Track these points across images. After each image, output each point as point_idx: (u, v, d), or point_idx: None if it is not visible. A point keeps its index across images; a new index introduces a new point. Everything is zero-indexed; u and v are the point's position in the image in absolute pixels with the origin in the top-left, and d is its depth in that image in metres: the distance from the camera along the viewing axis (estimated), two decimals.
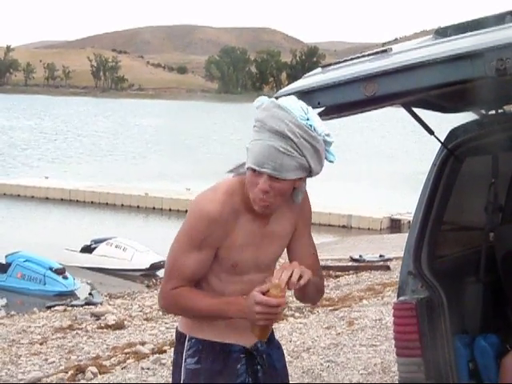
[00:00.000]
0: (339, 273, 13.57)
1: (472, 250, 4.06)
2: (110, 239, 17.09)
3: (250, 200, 2.40)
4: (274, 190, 2.32)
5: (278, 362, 2.62)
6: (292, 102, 2.33)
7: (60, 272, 14.65)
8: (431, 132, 3.68)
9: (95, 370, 6.88)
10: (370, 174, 33.50)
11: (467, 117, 3.90)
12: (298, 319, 8.48)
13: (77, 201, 27.14)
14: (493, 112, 3.79)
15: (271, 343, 2.60)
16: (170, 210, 25.09)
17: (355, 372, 6.02)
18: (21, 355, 8.12)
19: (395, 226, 22.58)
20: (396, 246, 15.06)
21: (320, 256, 2.72)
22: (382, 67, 2.81)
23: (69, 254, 16.85)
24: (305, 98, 2.42)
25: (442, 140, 3.74)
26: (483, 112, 3.85)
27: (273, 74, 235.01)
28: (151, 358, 7.00)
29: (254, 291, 2.32)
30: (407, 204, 18.24)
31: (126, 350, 7.80)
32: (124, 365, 7.03)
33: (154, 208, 25.82)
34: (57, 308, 11.98)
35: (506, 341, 3.76)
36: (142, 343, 8.06)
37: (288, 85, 3.23)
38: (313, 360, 6.44)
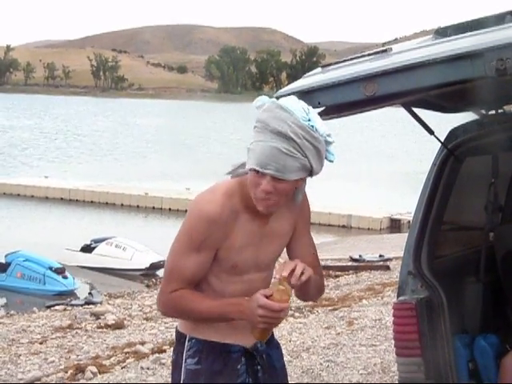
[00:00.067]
0: (339, 273, 13.56)
1: (472, 250, 4.07)
2: (109, 239, 17.09)
3: (249, 200, 2.40)
4: (277, 191, 2.31)
5: (278, 362, 2.62)
6: (293, 103, 2.32)
7: (60, 271, 14.64)
8: (431, 132, 3.68)
9: (95, 369, 6.88)
10: (369, 174, 33.49)
11: (467, 117, 3.90)
12: (298, 319, 8.48)
13: (76, 200, 27.14)
14: (493, 112, 3.79)
15: (271, 343, 2.60)
16: (170, 209, 25.08)
17: (355, 372, 6.02)
18: (20, 355, 8.12)
19: (395, 225, 22.57)
20: (396, 246, 15.06)
21: (320, 256, 2.72)
22: (382, 67, 2.81)
23: (68, 254, 16.84)
24: (305, 98, 2.42)
25: (442, 140, 3.75)
26: (483, 112, 3.85)
27: (273, 74, 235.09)
28: (151, 358, 7.00)
29: (258, 294, 2.32)
30: (407, 204, 18.24)
31: (125, 350, 7.80)
32: (124, 364, 7.03)
33: (153, 208, 25.81)
34: (56, 307, 11.98)
35: (506, 341, 3.76)
36: (142, 343, 8.06)
37: (288, 85, 3.23)
38: (312, 360, 6.44)
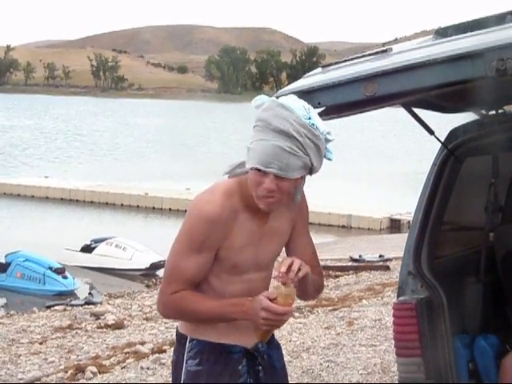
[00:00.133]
0: (339, 273, 13.57)
1: (472, 250, 4.07)
2: (109, 239, 17.10)
3: (248, 199, 2.40)
4: (280, 189, 2.31)
5: (278, 362, 2.62)
6: (294, 101, 2.33)
7: (60, 271, 14.64)
8: (431, 132, 3.68)
9: (95, 369, 6.88)
10: (369, 174, 33.49)
11: (467, 117, 3.90)
12: (298, 319, 8.47)
13: (77, 200, 27.15)
14: (493, 112, 3.79)
15: (271, 343, 2.60)
16: (170, 209, 25.09)
17: (355, 372, 6.02)
18: (20, 355, 8.12)
19: (395, 226, 22.57)
20: (396, 246, 15.05)
21: (320, 256, 2.72)
22: (382, 67, 2.80)
23: (68, 254, 16.85)
24: (305, 98, 2.41)
25: (442, 140, 3.75)
26: (483, 112, 3.85)
27: (273, 74, 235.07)
28: (151, 358, 7.00)
29: (262, 296, 2.31)
30: (407, 204, 18.24)
31: (125, 350, 7.80)
32: (123, 364, 7.03)
33: (153, 208, 25.82)
34: (56, 307, 11.98)
35: (506, 341, 3.76)
36: (142, 343, 8.06)
37: (288, 85, 3.22)
38: (312, 360, 6.44)
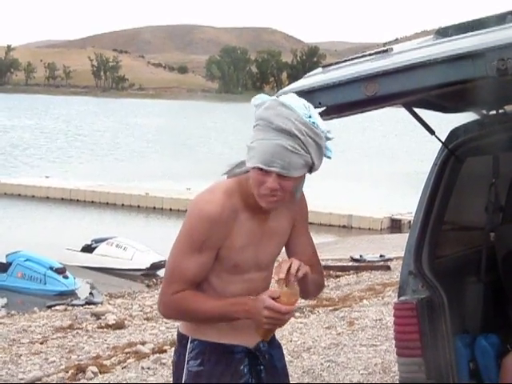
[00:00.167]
0: (339, 273, 13.57)
1: (473, 250, 4.07)
2: (110, 239, 17.10)
3: (248, 199, 2.40)
4: (283, 188, 2.32)
5: (279, 362, 2.62)
6: (295, 100, 2.34)
7: (60, 271, 14.65)
8: (432, 132, 3.68)
9: (95, 369, 6.88)
10: (370, 174, 33.49)
11: (468, 117, 3.90)
12: (299, 319, 8.47)
13: (77, 200, 27.16)
14: (494, 112, 3.79)
15: (272, 343, 2.60)
16: (171, 209, 25.09)
17: (355, 372, 6.02)
18: (21, 355, 8.12)
19: (396, 226, 22.57)
20: (396, 246, 15.06)
21: (320, 256, 2.72)
22: (382, 67, 2.80)
23: (69, 254, 16.85)
24: (306, 98, 2.41)
25: (443, 140, 3.75)
26: (484, 112, 3.85)
27: (273, 74, 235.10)
28: (151, 358, 7.00)
29: (264, 295, 2.31)
30: (408, 204, 18.23)
31: (126, 350, 7.80)
32: (124, 364, 7.03)
33: (154, 208, 25.83)
34: (57, 307, 11.98)
35: (507, 341, 3.76)
36: (143, 343, 8.06)
37: (288, 85, 3.23)
38: (313, 360, 6.44)
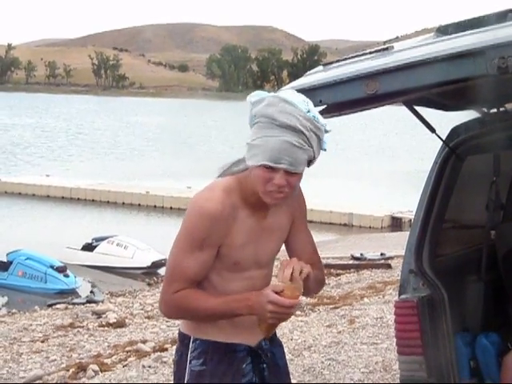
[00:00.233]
0: (340, 271, 13.57)
1: (473, 249, 4.06)
2: (111, 237, 17.10)
3: (248, 196, 2.41)
4: (289, 184, 2.34)
5: (281, 360, 2.62)
6: (295, 96, 2.34)
7: (61, 270, 14.65)
8: (433, 130, 3.67)
9: (96, 368, 6.88)
10: (371, 173, 33.48)
11: (469, 115, 3.89)
12: (299, 317, 8.47)
13: (78, 199, 27.17)
14: (494, 110, 3.78)
15: (274, 341, 2.60)
16: (171, 208, 25.08)
17: (356, 370, 6.02)
18: (22, 353, 8.13)
19: (396, 224, 22.57)
20: (397, 245, 15.07)
21: (321, 254, 2.72)
22: (383, 65, 2.80)
23: (70, 252, 16.86)
24: (306, 96, 2.41)
25: (444, 138, 3.74)
26: (485, 110, 3.84)
27: (274, 73, 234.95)
28: (152, 356, 7.00)
29: (268, 290, 2.31)
30: (408, 202, 18.26)
31: (127, 348, 7.81)
32: (125, 363, 7.03)
33: (155, 206, 25.83)
34: (58, 306, 11.99)
35: (508, 339, 3.76)
36: (144, 341, 8.07)
37: (289, 83, 3.22)
38: (314, 358, 6.44)
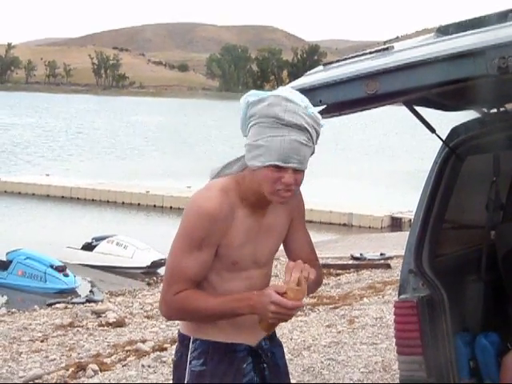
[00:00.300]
0: (340, 271, 13.56)
1: (473, 249, 4.07)
2: (110, 237, 17.08)
3: (246, 196, 2.41)
4: (297, 182, 2.35)
5: (281, 360, 2.62)
6: (294, 94, 2.35)
7: (61, 269, 14.64)
8: (433, 130, 3.67)
9: (96, 367, 6.88)
10: (371, 173, 33.47)
11: (469, 115, 3.89)
12: (299, 317, 8.47)
13: (78, 198, 27.13)
14: (494, 110, 3.79)
15: (273, 341, 2.60)
16: (171, 207, 25.05)
17: (356, 370, 6.02)
18: (21, 352, 8.13)
19: (396, 224, 22.55)
20: (397, 245, 15.06)
21: (321, 254, 2.73)
22: (383, 65, 2.80)
23: (70, 252, 16.84)
24: (306, 96, 2.41)
25: (444, 138, 3.75)
26: (485, 110, 3.84)
27: (274, 72, 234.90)
28: (152, 356, 7.00)
29: (270, 290, 2.31)
30: (408, 202, 18.23)
31: (126, 348, 7.81)
32: (125, 362, 7.03)
33: (154, 206, 25.80)
34: (57, 305, 11.97)
35: (507, 339, 3.76)
36: (143, 341, 8.07)
37: (289, 83, 3.22)
38: (313, 358, 6.44)
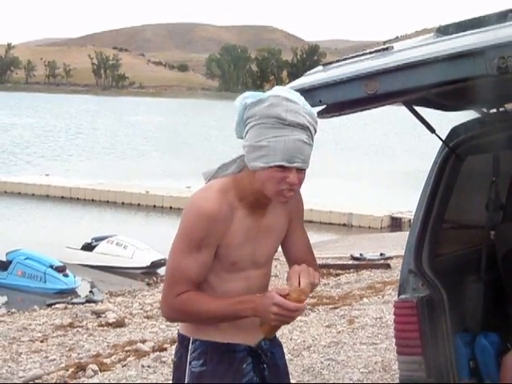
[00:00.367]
0: (340, 271, 13.54)
1: (473, 249, 4.07)
2: (110, 237, 17.08)
3: (244, 196, 2.40)
4: (300, 181, 2.36)
5: (280, 360, 2.62)
6: (293, 93, 2.35)
7: (60, 270, 14.64)
8: (432, 130, 3.67)
9: (96, 367, 6.88)
10: (370, 173, 33.46)
11: (468, 115, 3.89)
12: (299, 317, 8.47)
13: (77, 199, 27.13)
14: (494, 110, 3.79)
15: (273, 341, 2.60)
16: (171, 208, 25.05)
17: (355, 370, 6.02)
18: (21, 353, 8.12)
19: (396, 224, 22.55)
20: (397, 245, 15.05)
21: (321, 254, 2.74)
22: (383, 65, 2.80)
23: (69, 252, 16.83)
24: (306, 96, 2.41)
25: (444, 138, 3.75)
26: (484, 110, 3.84)
27: (273, 73, 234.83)
28: (152, 356, 7.00)
29: (273, 292, 2.30)
30: (408, 202, 18.23)
31: (126, 348, 7.81)
32: (124, 362, 7.03)
33: (154, 206, 25.80)
34: (57, 306, 11.97)
35: (507, 339, 3.76)
36: (143, 341, 8.06)
37: (289, 83, 3.22)
38: (313, 358, 6.44)
